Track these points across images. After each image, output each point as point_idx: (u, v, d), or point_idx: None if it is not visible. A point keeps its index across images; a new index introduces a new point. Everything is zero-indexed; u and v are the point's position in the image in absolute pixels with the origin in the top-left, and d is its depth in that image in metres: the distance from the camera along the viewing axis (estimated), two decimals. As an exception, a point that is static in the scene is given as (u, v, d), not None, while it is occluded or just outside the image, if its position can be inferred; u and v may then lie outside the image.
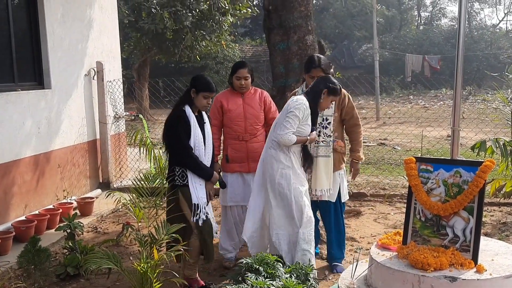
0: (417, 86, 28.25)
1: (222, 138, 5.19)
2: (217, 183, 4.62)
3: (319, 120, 4.71)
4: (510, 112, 7.86)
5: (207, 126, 4.44)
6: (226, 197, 5.03)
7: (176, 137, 4.25)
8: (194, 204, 4.22)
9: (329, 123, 4.76)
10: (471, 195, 3.57)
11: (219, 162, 5.17)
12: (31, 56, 6.73)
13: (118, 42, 8.86)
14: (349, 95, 4.93)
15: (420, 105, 23.58)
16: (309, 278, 3.88)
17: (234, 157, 4.99)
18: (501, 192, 6.85)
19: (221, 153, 5.15)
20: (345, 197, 4.97)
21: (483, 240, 3.89)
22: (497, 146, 5.65)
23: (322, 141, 4.72)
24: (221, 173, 5.16)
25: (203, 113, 4.46)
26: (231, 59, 25.02)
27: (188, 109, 4.29)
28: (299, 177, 4.40)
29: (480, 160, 3.82)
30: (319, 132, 4.72)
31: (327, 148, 4.74)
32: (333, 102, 4.68)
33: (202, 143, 4.31)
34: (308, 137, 4.41)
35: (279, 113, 4.74)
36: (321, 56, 5.05)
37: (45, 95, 6.71)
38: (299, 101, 4.35)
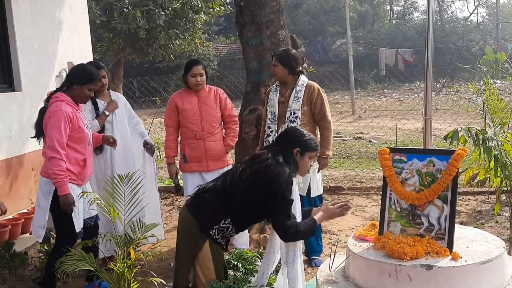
0: (391, 80, 28.49)
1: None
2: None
3: (287, 114, 4.71)
4: (482, 102, 7.98)
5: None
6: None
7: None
8: None
9: (296, 117, 4.72)
10: (445, 183, 3.60)
11: (177, 163, 5.15)
12: (0, 59, 6.60)
13: (90, 42, 8.74)
14: (320, 88, 4.86)
15: (395, 98, 23.79)
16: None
17: (192, 156, 4.95)
18: (475, 180, 6.94)
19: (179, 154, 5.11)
20: (315, 192, 4.85)
21: (458, 228, 3.94)
22: (469, 135, 5.70)
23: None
24: (178, 176, 5.15)
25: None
26: (206, 58, 24.91)
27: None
28: None
29: (453, 149, 3.85)
30: (287, 126, 4.66)
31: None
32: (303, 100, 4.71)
33: None
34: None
35: (236, 110, 4.90)
36: (289, 49, 5.05)
37: (16, 97, 6.59)
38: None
